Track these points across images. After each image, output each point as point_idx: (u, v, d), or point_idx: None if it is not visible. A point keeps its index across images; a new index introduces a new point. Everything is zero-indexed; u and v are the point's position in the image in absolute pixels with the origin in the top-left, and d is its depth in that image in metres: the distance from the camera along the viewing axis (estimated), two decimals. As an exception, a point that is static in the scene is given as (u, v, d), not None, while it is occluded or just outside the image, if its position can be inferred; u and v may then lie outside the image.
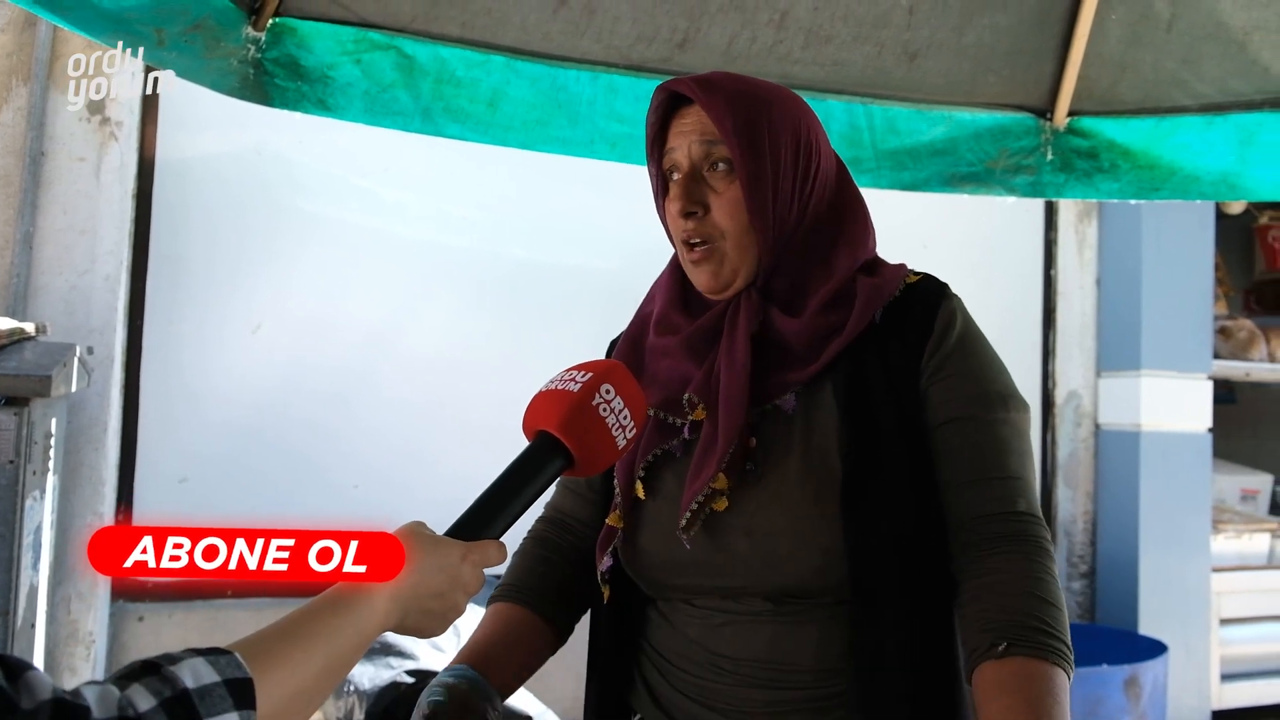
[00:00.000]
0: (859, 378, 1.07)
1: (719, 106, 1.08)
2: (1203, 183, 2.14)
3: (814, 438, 1.06)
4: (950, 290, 1.14)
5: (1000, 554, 0.99)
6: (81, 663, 2.57)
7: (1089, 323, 3.86)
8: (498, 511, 0.88)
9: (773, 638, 1.04)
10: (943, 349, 1.08)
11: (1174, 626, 3.56)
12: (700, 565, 1.07)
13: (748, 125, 1.07)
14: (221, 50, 1.71)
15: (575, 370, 0.94)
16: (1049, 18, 1.96)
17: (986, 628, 0.95)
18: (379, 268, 2.95)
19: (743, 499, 1.05)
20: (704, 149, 1.10)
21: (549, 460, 0.91)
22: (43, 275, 2.58)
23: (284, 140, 2.86)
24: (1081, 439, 3.83)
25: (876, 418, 1.05)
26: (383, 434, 2.89)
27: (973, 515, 1.02)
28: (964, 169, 2.14)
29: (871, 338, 1.09)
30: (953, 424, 1.05)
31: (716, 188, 1.10)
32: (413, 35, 1.82)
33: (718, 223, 1.10)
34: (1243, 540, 3.96)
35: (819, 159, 1.13)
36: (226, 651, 0.66)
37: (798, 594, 1.03)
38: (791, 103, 1.14)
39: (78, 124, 2.62)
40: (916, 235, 3.56)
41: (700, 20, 1.88)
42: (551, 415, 0.91)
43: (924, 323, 1.09)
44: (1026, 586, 0.96)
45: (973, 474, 1.04)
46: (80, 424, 2.58)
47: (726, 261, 1.11)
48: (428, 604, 0.82)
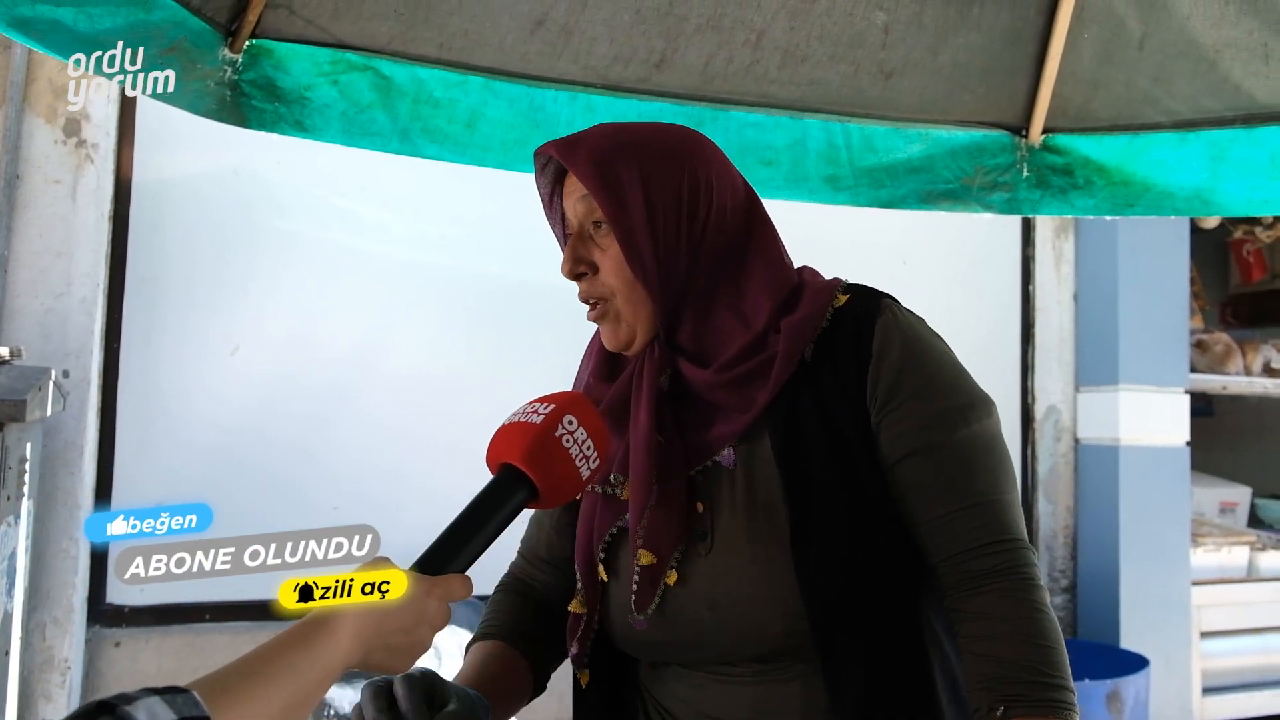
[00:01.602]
0: (793, 423, 1.02)
1: (581, 165, 1.04)
2: (1176, 199, 2.15)
3: (758, 495, 1.02)
4: (886, 301, 1.07)
5: (984, 593, 0.96)
6: (57, 690, 2.53)
7: (1067, 338, 3.89)
8: (462, 545, 0.88)
9: (755, 700, 1.03)
10: (886, 375, 1.01)
11: (1155, 640, 3.57)
12: (672, 644, 1.06)
13: (613, 180, 1.03)
14: (198, 72, 1.70)
15: (538, 402, 0.94)
16: (1022, 36, 1.98)
17: (983, 685, 0.93)
18: (358, 287, 2.94)
19: (700, 569, 1.03)
20: (585, 206, 1.07)
21: (513, 493, 0.90)
22: (18, 298, 2.56)
23: (262, 161, 2.85)
24: (1061, 453, 3.85)
25: (815, 467, 1.01)
26: (362, 455, 2.87)
27: (950, 553, 0.99)
28: (941, 186, 2.15)
29: (804, 377, 1.03)
30: (912, 458, 1.00)
31: (601, 245, 1.07)
32: (390, 56, 1.82)
33: (606, 281, 1.07)
34: (1222, 553, 3.98)
35: (710, 196, 1.06)
36: (184, 690, 0.65)
37: (771, 655, 1.02)
38: (670, 142, 1.08)
39: (53, 146, 2.60)
40: (896, 252, 3.59)
41: (677, 41, 1.89)
42: (515, 447, 0.91)
43: (860, 349, 1.03)
44: (1019, 632, 0.94)
45: (942, 508, 0.99)
46: (56, 448, 2.55)
47: (622, 319, 1.07)
48: (393, 639, 0.81)
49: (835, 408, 1.02)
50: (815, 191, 2.10)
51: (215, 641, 2.66)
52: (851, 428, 1.01)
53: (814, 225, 3.08)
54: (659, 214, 1.03)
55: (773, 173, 2.06)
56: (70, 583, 2.56)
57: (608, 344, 1.11)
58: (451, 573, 0.86)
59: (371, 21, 1.77)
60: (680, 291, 1.06)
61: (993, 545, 0.98)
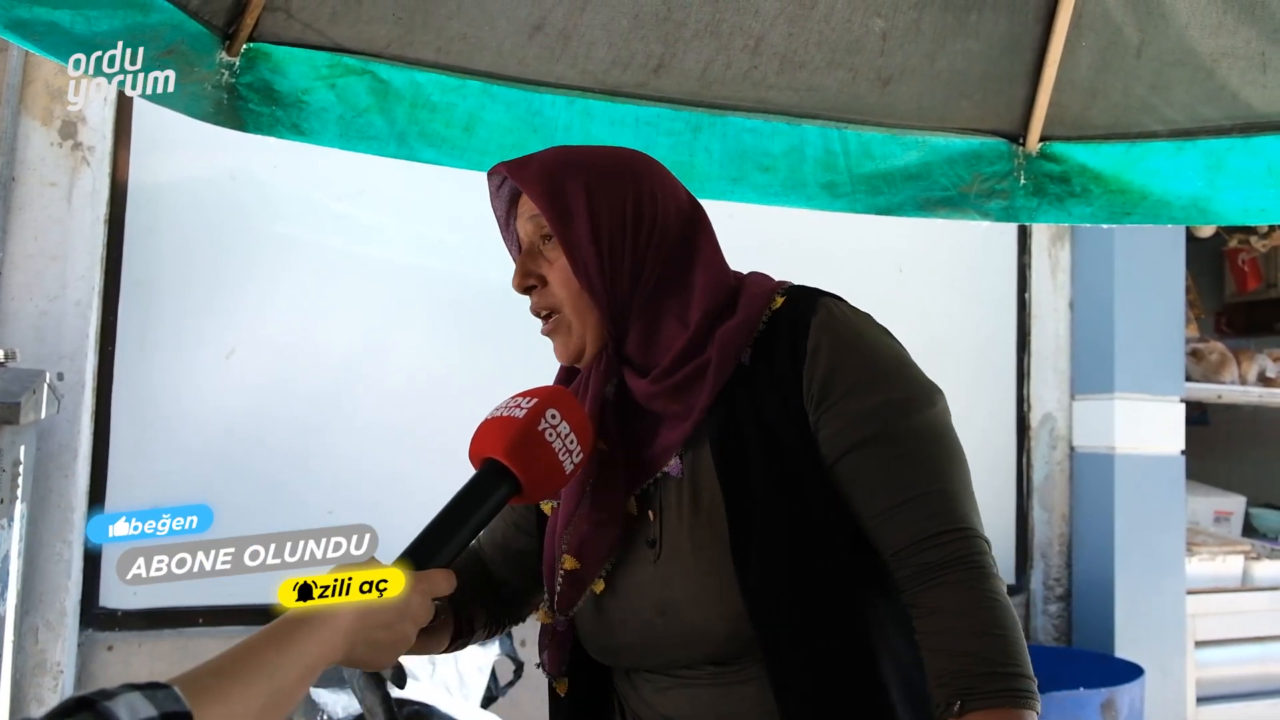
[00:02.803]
0: (732, 429, 1.04)
1: (529, 182, 1.08)
2: (1173, 207, 2.15)
3: (702, 501, 1.04)
4: (824, 300, 1.08)
5: (935, 587, 0.96)
6: (49, 693, 2.52)
7: (1063, 346, 3.89)
8: (445, 540, 0.88)
9: (713, 700, 1.05)
10: (820, 373, 1.02)
11: (1150, 649, 3.57)
12: (630, 648, 1.09)
13: (558, 195, 1.06)
14: (195, 75, 1.70)
15: (520, 397, 0.95)
16: (1020, 44, 1.99)
17: (940, 680, 0.93)
18: (354, 291, 2.94)
19: (648, 579, 1.06)
20: (534, 224, 1.11)
21: (496, 487, 0.91)
22: (13, 301, 2.55)
23: (258, 164, 2.85)
24: (1057, 461, 3.85)
25: (753, 472, 1.02)
26: (357, 459, 2.87)
27: (898, 548, 0.99)
28: (938, 193, 2.16)
29: (742, 381, 1.05)
30: (851, 454, 1.01)
31: (550, 258, 1.10)
32: (388, 60, 1.82)
33: (554, 293, 1.11)
34: (1217, 562, 3.99)
35: (654, 210, 1.09)
36: (165, 686, 0.65)
37: (723, 659, 1.04)
38: (614, 162, 1.12)
39: (49, 149, 2.60)
40: (892, 259, 3.59)
41: (675, 46, 1.89)
42: (498, 442, 0.91)
43: (794, 349, 1.04)
44: (972, 624, 0.93)
45: (885, 502, 0.99)
46: (50, 451, 2.54)
47: (572, 330, 1.11)
48: (375, 635, 0.82)
49: (772, 410, 1.03)
50: (812, 198, 2.10)
51: (208, 645, 2.63)
52: (789, 429, 1.02)
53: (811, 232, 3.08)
54: (604, 226, 1.06)
55: (770, 179, 2.06)
56: (63, 586, 2.55)
57: (560, 357, 1.15)
58: (434, 568, 0.87)
59: (369, 25, 1.77)
60: (625, 303, 1.08)
61: (941, 536, 0.97)
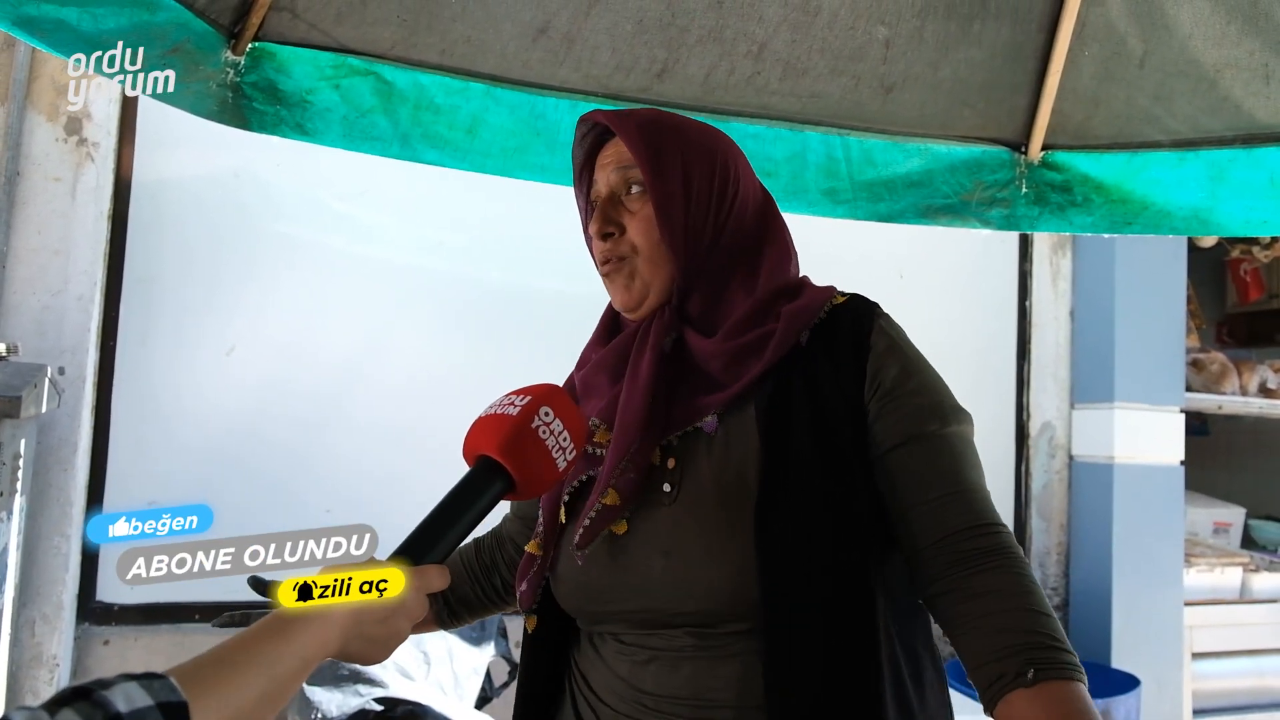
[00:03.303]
0: (782, 399, 1.07)
1: (631, 132, 1.12)
2: (1175, 218, 2.16)
3: (732, 458, 1.06)
4: (882, 309, 1.14)
5: (987, 570, 0.98)
6: (44, 686, 2.52)
7: (1063, 354, 3.89)
8: (439, 536, 0.89)
9: (693, 674, 1.03)
10: (887, 368, 1.07)
11: (1147, 660, 3.57)
12: (618, 588, 1.07)
13: (657, 148, 1.12)
14: (200, 74, 1.71)
15: (514, 394, 0.96)
16: (1023, 53, 1.99)
17: (1004, 654, 0.93)
18: (355, 291, 2.95)
19: (660, 520, 1.06)
20: (620, 175, 1.15)
21: (490, 484, 0.92)
22: (15, 295, 2.56)
23: (262, 163, 2.85)
24: (1055, 470, 3.85)
25: (795, 440, 1.04)
26: (356, 458, 2.87)
27: (946, 532, 1.01)
28: (939, 201, 2.16)
29: (797, 359, 1.09)
30: (909, 444, 1.04)
31: (631, 208, 1.15)
32: (392, 61, 1.83)
33: (631, 239, 1.14)
34: (1215, 574, 3.98)
35: (737, 186, 1.16)
36: (161, 676, 0.66)
37: (714, 618, 1.03)
38: (708, 134, 1.18)
39: (54, 144, 2.61)
40: (894, 265, 3.59)
41: (679, 51, 1.90)
42: (491, 439, 0.92)
43: (858, 342, 1.09)
44: (1027, 603, 0.96)
45: (938, 490, 1.03)
46: (50, 445, 2.55)
47: (638, 276, 1.14)
48: (370, 630, 0.82)
49: (827, 389, 1.06)
50: (814, 204, 2.11)
51: (204, 641, 2.64)
52: (841, 410, 1.06)
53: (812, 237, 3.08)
54: (693, 187, 1.12)
55: (772, 184, 2.05)
56: (60, 580, 2.55)
57: (617, 302, 1.18)
58: (428, 564, 0.87)
59: (374, 26, 1.78)
60: (699, 263, 1.13)
61: (984, 528, 1.01)
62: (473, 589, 1.39)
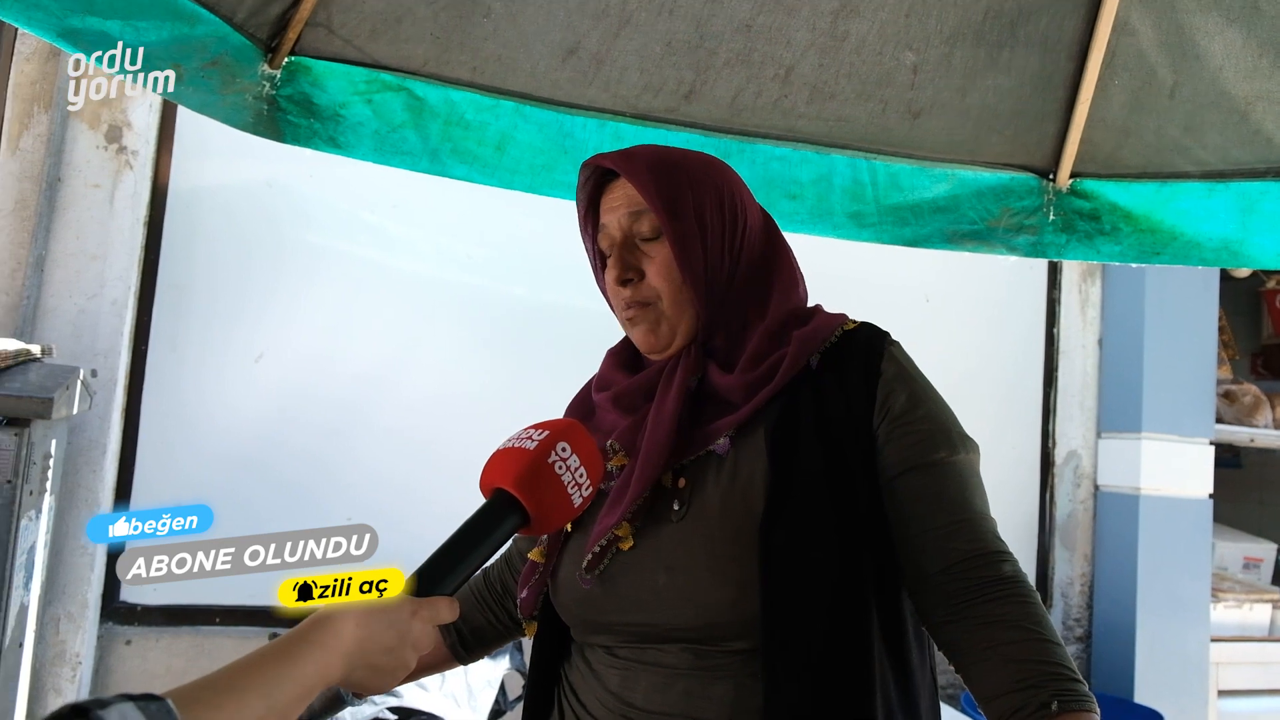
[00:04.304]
0: (791, 420, 1.08)
1: (641, 175, 1.13)
2: (1204, 249, 2.14)
3: (740, 477, 1.07)
4: (892, 337, 1.15)
5: (995, 599, 0.99)
6: (67, 684, 2.56)
7: (1090, 383, 3.86)
8: (451, 568, 0.88)
9: (687, 691, 1.03)
10: (898, 394, 1.08)
11: (1170, 696, 3.51)
12: (619, 600, 1.07)
13: (669, 189, 1.12)
14: (237, 86, 1.74)
15: (533, 428, 0.96)
16: (1052, 81, 1.99)
17: (1025, 684, 0.93)
18: (383, 303, 2.98)
19: (666, 536, 1.07)
20: (631, 219, 1.15)
21: (504, 518, 0.91)
22: (52, 298, 2.61)
23: (294, 175, 2.90)
24: (1080, 500, 3.81)
25: (803, 459, 1.05)
26: (378, 469, 2.89)
27: (954, 560, 1.01)
28: (966, 226, 2.15)
29: (807, 382, 1.10)
30: (918, 470, 1.05)
31: (649, 253, 1.15)
32: (424, 78, 1.85)
33: (653, 284, 1.14)
34: (1244, 610, 3.91)
35: (745, 215, 1.17)
36: (159, 698, 0.65)
37: (713, 635, 1.02)
38: (710, 166, 1.18)
39: (94, 151, 2.66)
40: (919, 290, 3.58)
41: (707, 73, 1.91)
42: (508, 473, 0.92)
43: (868, 367, 1.10)
44: (1039, 633, 0.97)
45: (946, 518, 1.03)
46: (80, 446, 2.59)
47: (664, 320, 1.15)
48: (375, 659, 0.82)
49: (836, 412, 1.07)
50: (839, 227, 2.11)
51: (223, 645, 2.68)
52: (849, 433, 1.06)
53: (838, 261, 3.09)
54: (707, 223, 1.13)
55: (797, 207, 2.07)
56: (86, 579, 2.59)
57: (643, 346, 1.18)
58: (438, 595, 0.87)
59: (408, 43, 1.80)
60: (720, 299, 1.15)
61: (992, 555, 1.02)
62: (485, 616, 1.38)
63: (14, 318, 2.54)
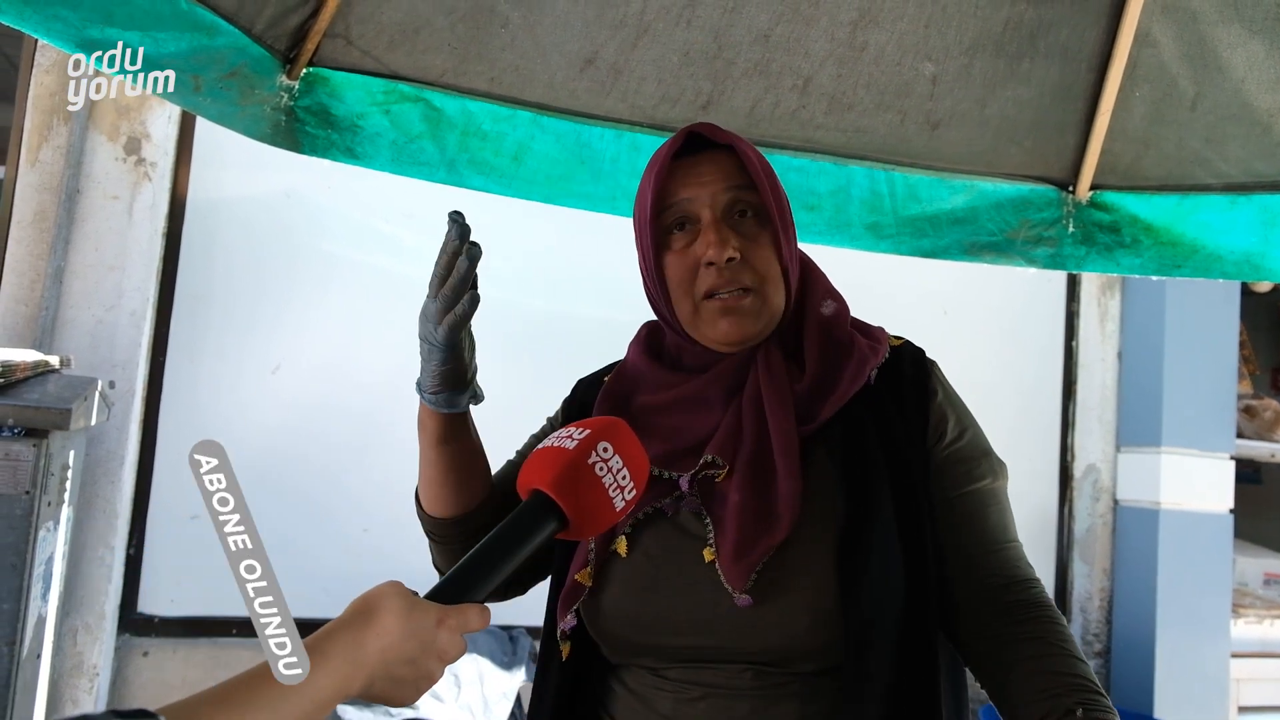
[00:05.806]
0: (856, 438, 1.05)
1: (750, 153, 1.08)
2: (1225, 262, 2.12)
3: (810, 498, 1.02)
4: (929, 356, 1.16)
5: (1030, 621, 1.00)
6: (84, 695, 2.56)
7: (1109, 396, 3.83)
8: (483, 574, 0.82)
9: (750, 713, 0.99)
10: (951, 414, 1.09)
11: (1190, 712, 3.47)
12: (674, 620, 1.02)
13: (770, 174, 1.09)
14: (255, 97, 1.74)
15: (574, 427, 0.90)
16: (1072, 93, 1.97)
17: (1057, 692, 0.93)
18: (399, 313, 2.97)
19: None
20: (731, 195, 1.07)
21: (542, 521, 0.85)
22: (71, 309, 2.62)
23: (312, 185, 2.91)
24: (1099, 514, 3.78)
25: (871, 480, 1.02)
26: (394, 480, 2.88)
27: (992, 585, 1.03)
28: (984, 238, 2.14)
29: (866, 397, 1.07)
30: (976, 492, 1.06)
31: (747, 234, 1.07)
32: (441, 88, 1.86)
33: (756, 269, 1.07)
34: (1264, 626, 3.87)
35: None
36: (150, 714, 0.61)
37: (782, 658, 0.99)
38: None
39: (114, 163, 2.68)
40: (937, 302, 3.56)
41: (725, 84, 1.91)
42: (545, 473, 0.86)
43: (919, 385, 1.09)
44: (1069, 650, 0.98)
45: (992, 541, 1.05)
46: (98, 456, 2.60)
47: (763, 310, 1.08)
48: (397, 670, 0.75)
49: (897, 432, 1.06)
50: (857, 238, 2.10)
51: (240, 656, 2.68)
52: (912, 451, 1.05)
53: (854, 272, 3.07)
54: (787, 210, 1.11)
55: (815, 217, 2.06)
56: (104, 590, 2.59)
57: (729, 336, 1.08)
58: (468, 602, 0.81)
59: (425, 54, 1.81)
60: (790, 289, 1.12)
61: (1027, 583, 1.04)
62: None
63: (33, 329, 2.55)
